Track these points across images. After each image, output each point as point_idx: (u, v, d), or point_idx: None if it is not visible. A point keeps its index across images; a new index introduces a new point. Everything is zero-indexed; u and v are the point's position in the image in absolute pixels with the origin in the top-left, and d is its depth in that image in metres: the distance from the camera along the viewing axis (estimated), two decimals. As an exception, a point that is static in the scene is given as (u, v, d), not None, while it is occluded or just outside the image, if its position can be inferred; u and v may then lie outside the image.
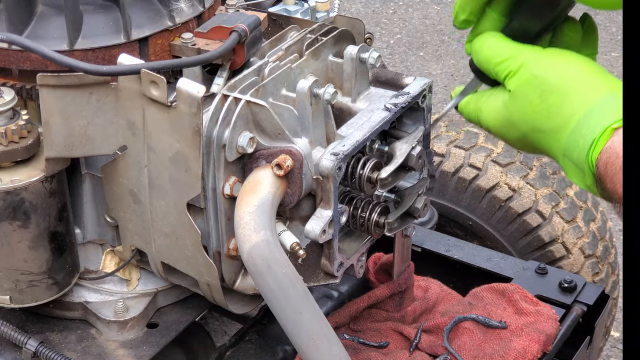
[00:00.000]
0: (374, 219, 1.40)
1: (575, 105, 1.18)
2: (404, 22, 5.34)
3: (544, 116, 1.20)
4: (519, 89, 1.22)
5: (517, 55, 1.24)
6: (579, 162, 1.16)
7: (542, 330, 1.57)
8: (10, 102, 1.39)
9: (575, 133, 1.17)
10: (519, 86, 1.22)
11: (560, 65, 1.22)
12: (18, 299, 1.46)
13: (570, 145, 1.17)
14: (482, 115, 1.30)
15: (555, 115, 1.19)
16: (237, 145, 1.31)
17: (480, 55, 1.29)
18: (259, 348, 1.64)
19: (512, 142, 1.28)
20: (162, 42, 1.43)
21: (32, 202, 1.39)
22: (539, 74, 1.21)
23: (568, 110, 1.18)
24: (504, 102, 1.25)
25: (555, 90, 1.20)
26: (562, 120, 1.18)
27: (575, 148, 1.16)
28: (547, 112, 1.20)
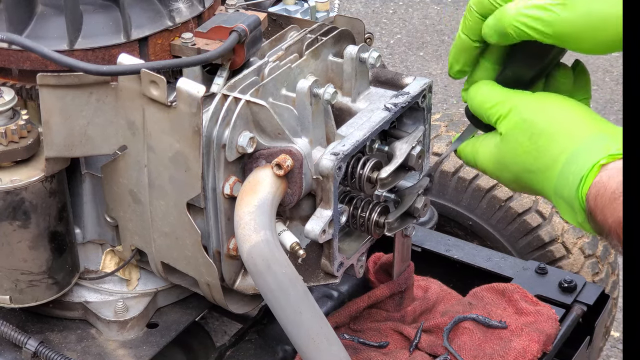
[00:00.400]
0: (373, 218, 1.40)
1: (562, 145, 1.22)
2: (404, 22, 5.34)
3: (534, 157, 1.25)
4: (509, 131, 1.27)
5: (507, 100, 1.29)
6: (569, 199, 1.20)
7: (542, 330, 1.57)
8: (10, 102, 1.39)
9: (565, 171, 1.21)
10: (509, 129, 1.27)
11: (549, 108, 1.27)
12: (18, 298, 1.46)
13: (560, 184, 1.21)
14: (478, 158, 1.34)
15: (544, 155, 1.24)
16: (237, 145, 1.31)
17: (474, 101, 1.34)
18: (259, 348, 1.64)
19: (507, 183, 1.33)
20: (162, 42, 1.43)
21: (32, 202, 1.39)
22: (528, 117, 1.26)
23: (556, 150, 1.23)
24: (496, 145, 1.30)
25: (543, 132, 1.24)
26: (550, 160, 1.23)
27: (565, 186, 1.20)
28: (536, 152, 1.24)
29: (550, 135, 1.24)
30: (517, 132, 1.26)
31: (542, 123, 1.25)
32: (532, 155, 1.25)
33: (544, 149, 1.24)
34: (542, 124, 1.25)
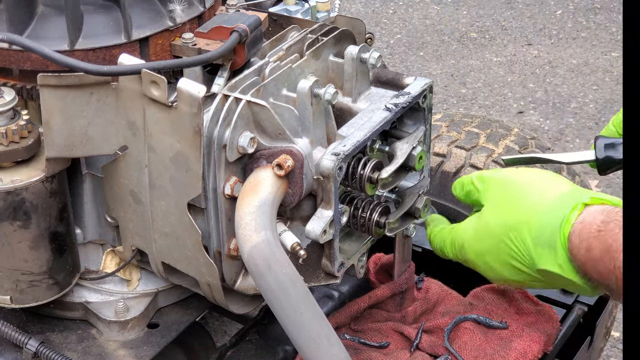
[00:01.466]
0: (374, 219, 1.40)
1: (543, 194, 1.33)
2: (404, 22, 5.34)
3: (515, 212, 1.33)
4: (492, 197, 1.38)
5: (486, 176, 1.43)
6: (551, 241, 1.26)
7: (543, 330, 1.57)
8: (11, 102, 1.39)
9: (546, 215, 1.29)
10: (491, 196, 1.38)
11: (523, 171, 1.41)
12: (19, 299, 1.46)
13: (542, 227, 1.28)
14: (456, 237, 1.45)
15: (526, 205, 1.32)
16: (237, 146, 1.31)
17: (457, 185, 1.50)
18: (259, 348, 1.64)
19: (487, 257, 1.39)
20: (162, 42, 1.43)
21: (32, 202, 1.39)
22: (506, 182, 1.38)
23: (536, 199, 1.32)
24: (479, 214, 1.40)
25: (525, 185, 1.35)
26: (533, 208, 1.31)
27: (547, 228, 1.27)
28: (518, 205, 1.33)
29: (532, 186, 1.34)
30: (500, 195, 1.37)
31: (523, 179, 1.37)
32: (514, 210, 1.33)
33: (526, 200, 1.32)
34: (521, 184, 1.36)
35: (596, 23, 5.16)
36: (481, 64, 4.80)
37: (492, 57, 4.88)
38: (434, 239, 1.51)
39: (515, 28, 5.20)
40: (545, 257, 1.28)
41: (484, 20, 5.30)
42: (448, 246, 1.47)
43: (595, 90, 4.51)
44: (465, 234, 1.42)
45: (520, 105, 4.41)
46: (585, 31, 5.08)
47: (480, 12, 5.41)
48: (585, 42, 4.97)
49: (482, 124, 2.42)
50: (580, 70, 4.69)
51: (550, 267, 1.27)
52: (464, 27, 5.23)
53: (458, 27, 5.23)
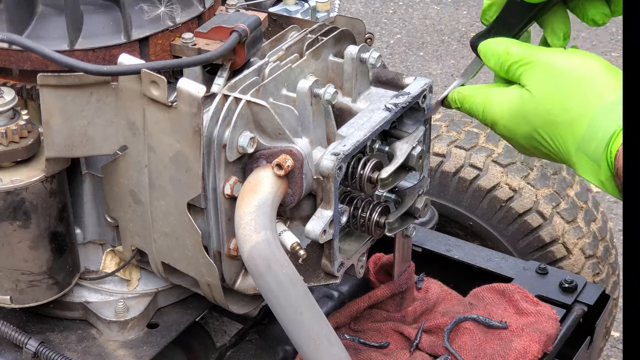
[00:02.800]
0: (374, 219, 1.40)
1: (593, 99, 1.19)
2: (404, 22, 5.34)
3: (560, 108, 1.20)
4: (537, 83, 1.24)
5: (531, 54, 1.27)
6: (595, 155, 1.16)
7: (543, 330, 1.57)
8: (11, 102, 1.39)
9: (594, 125, 1.16)
10: (537, 81, 1.24)
11: (578, 61, 1.24)
12: (18, 299, 1.46)
13: (588, 138, 1.16)
14: (490, 108, 1.30)
15: (572, 106, 1.19)
16: (237, 145, 1.31)
17: (494, 56, 1.32)
18: (259, 348, 1.64)
19: (519, 138, 1.28)
20: (162, 42, 1.43)
21: (32, 202, 1.39)
22: (556, 70, 1.23)
23: (587, 102, 1.18)
24: (517, 97, 1.26)
25: (572, 81, 1.21)
26: (579, 112, 1.18)
27: (593, 140, 1.16)
28: (564, 104, 1.20)
29: (580, 86, 1.20)
30: (546, 84, 1.23)
31: (573, 74, 1.22)
32: (559, 107, 1.21)
33: (573, 100, 1.20)
34: (572, 75, 1.21)
35: (596, 23, 5.15)
36: (481, 64, 4.80)
37: (492, 57, 4.88)
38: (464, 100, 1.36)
39: (515, 28, 5.20)
40: (587, 168, 1.18)
41: (484, 20, 5.30)
42: (479, 114, 1.34)
43: (595, 90, 4.50)
44: (500, 110, 1.29)
45: (520, 105, 4.41)
46: (586, 31, 5.08)
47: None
48: (585, 42, 4.96)
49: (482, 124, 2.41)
50: (580, 70, 4.69)
51: (591, 179, 1.18)
52: (464, 27, 5.23)
53: (458, 27, 5.23)
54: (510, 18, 1.35)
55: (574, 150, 1.20)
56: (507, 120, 1.28)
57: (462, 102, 1.35)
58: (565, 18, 1.35)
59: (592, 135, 1.16)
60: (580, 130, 1.18)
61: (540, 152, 1.27)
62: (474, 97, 1.34)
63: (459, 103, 1.36)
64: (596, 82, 1.20)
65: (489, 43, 1.33)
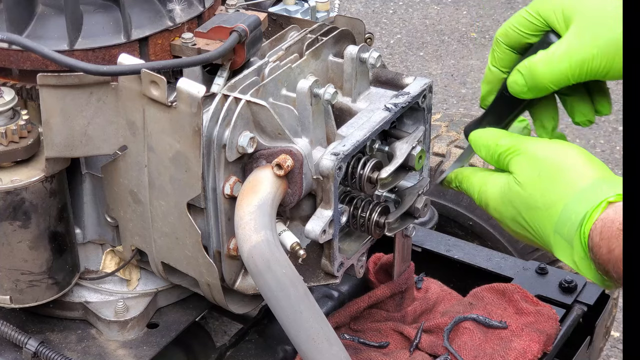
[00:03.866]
0: (374, 219, 1.40)
1: (570, 182, 1.26)
2: (404, 22, 5.34)
3: (540, 193, 1.28)
4: (520, 169, 1.31)
5: (518, 143, 1.34)
6: (569, 236, 1.23)
7: (543, 330, 1.57)
8: (11, 102, 1.39)
9: (568, 209, 1.24)
10: (520, 167, 1.31)
11: (560, 151, 1.31)
12: (18, 299, 1.46)
13: (562, 221, 1.24)
14: (484, 190, 1.38)
15: (550, 192, 1.27)
16: (237, 145, 1.31)
17: (484, 146, 1.40)
18: (259, 348, 1.64)
19: (506, 221, 1.35)
20: (162, 42, 1.43)
21: (32, 202, 1.39)
22: (539, 156, 1.31)
23: (563, 188, 1.26)
24: (507, 182, 1.33)
25: (552, 169, 1.28)
26: (556, 196, 1.26)
27: (567, 223, 1.23)
28: (543, 189, 1.28)
29: (558, 173, 1.27)
30: (528, 170, 1.30)
31: (552, 161, 1.29)
32: (539, 191, 1.28)
33: (551, 186, 1.27)
34: (551, 162, 1.29)
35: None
36: (481, 64, 4.80)
37: (492, 57, 4.88)
38: (462, 180, 1.44)
39: (515, 28, 5.20)
40: (562, 249, 1.26)
41: (484, 20, 5.30)
42: (475, 195, 1.42)
43: (595, 90, 4.50)
44: (492, 194, 1.37)
45: (520, 105, 4.40)
46: (585, 31, 5.08)
47: (480, 12, 5.41)
48: (585, 42, 4.96)
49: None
50: (580, 70, 4.69)
51: (566, 260, 1.26)
52: (464, 27, 5.23)
53: (458, 27, 5.23)
54: (501, 109, 1.42)
55: (551, 233, 1.27)
56: (497, 203, 1.35)
57: (461, 182, 1.43)
58: (554, 111, 1.44)
59: (566, 219, 1.23)
60: (555, 214, 1.25)
61: (524, 236, 1.34)
62: (471, 178, 1.41)
63: (458, 182, 1.44)
64: (573, 171, 1.27)
65: (479, 134, 1.40)
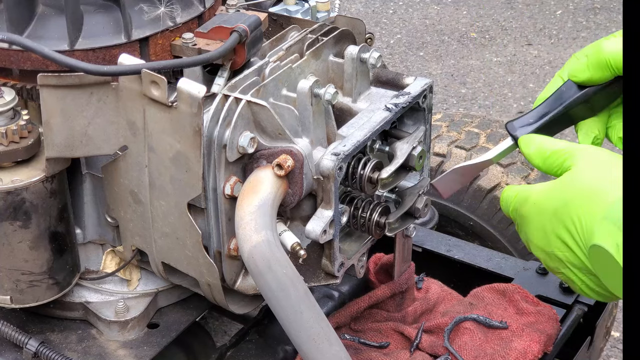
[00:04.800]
0: (374, 219, 1.40)
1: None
2: (404, 22, 5.34)
3: (598, 181, 1.27)
4: (580, 161, 1.31)
5: (576, 145, 1.36)
6: (620, 220, 1.20)
7: (543, 330, 1.57)
8: (11, 102, 1.39)
9: None
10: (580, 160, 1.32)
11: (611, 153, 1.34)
12: (19, 299, 1.46)
13: (618, 206, 1.22)
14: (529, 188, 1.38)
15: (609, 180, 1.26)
16: (237, 146, 1.31)
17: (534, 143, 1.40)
18: (259, 348, 1.64)
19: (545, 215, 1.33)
20: (162, 42, 1.43)
21: (32, 202, 1.39)
22: (599, 152, 1.33)
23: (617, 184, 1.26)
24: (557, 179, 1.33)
25: (612, 163, 1.29)
26: (614, 184, 1.25)
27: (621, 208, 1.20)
28: (602, 178, 1.27)
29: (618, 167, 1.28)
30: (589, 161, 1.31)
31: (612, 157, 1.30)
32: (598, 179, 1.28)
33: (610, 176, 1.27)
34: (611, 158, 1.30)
35: (596, 23, 5.16)
36: (481, 64, 4.80)
37: (492, 57, 4.88)
38: (503, 192, 1.44)
39: (515, 28, 5.20)
40: (607, 234, 1.21)
41: (484, 20, 5.30)
42: (514, 197, 1.40)
43: (595, 90, 4.50)
44: (536, 189, 1.36)
45: (520, 105, 4.41)
46: (585, 31, 5.08)
47: (480, 12, 5.41)
48: (585, 42, 4.96)
49: (482, 124, 2.42)
50: (580, 70, 4.69)
51: (607, 244, 1.21)
52: (464, 27, 5.23)
53: (458, 27, 5.23)
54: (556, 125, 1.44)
55: (598, 220, 1.24)
56: (540, 195, 1.34)
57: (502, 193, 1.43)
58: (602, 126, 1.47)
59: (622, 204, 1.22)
60: (612, 199, 1.24)
61: (555, 239, 1.32)
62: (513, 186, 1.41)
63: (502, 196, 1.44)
64: None
65: (532, 137, 1.40)
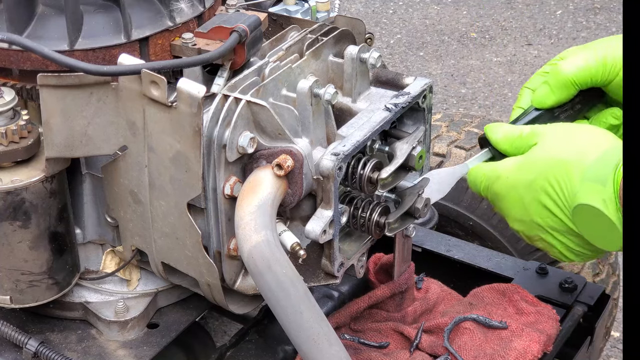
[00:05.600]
0: (374, 219, 1.40)
1: (602, 138, 1.34)
2: (404, 22, 5.34)
3: (570, 148, 1.34)
4: (547, 136, 1.38)
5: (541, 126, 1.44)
6: (602, 177, 1.27)
7: (543, 330, 1.57)
8: (11, 102, 1.39)
9: (604, 155, 1.29)
10: (547, 135, 1.38)
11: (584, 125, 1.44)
12: (18, 299, 1.46)
13: (596, 165, 1.29)
14: (496, 167, 1.43)
15: (582, 145, 1.33)
16: (237, 146, 1.31)
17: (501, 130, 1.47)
18: (259, 348, 1.64)
19: (519, 189, 1.39)
20: (162, 42, 1.43)
21: (32, 202, 1.39)
22: (567, 126, 1.40)
23: (598, 141, 1.33)
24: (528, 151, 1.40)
25: (586, 130, 1.37)
26: (589, 148, 1.32)
27: (601, 166, 1.28)
28: (573, 144, 1.34)
29: (593, 134, 1.35)
30: (557, 135, 1.37)
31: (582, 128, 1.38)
32: (568, 146, 1.34)
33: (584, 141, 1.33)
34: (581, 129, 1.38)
35: (596, 23, 5.16)
36: (481, 64, 4.80)
37: (492, 57, 4.88)
38: (470, 172, 1.50)
39: (515, 28, 5.20)
40: (590, 192, 1.28)
41: (484, 20, 5.30)
42: (483, 177, 1.46)
43: (595, 90, 4.50)
44: (505, 166, 1.42)
45: (520, 105, 4.40)
46: (585, 31, 5.08)
47: (480, 12, 5.41)
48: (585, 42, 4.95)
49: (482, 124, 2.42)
50: (580, 70, 4.68)
51: (593, 201, 1.27)
52: (464, 27, 5.23)
53: (458, 27, 5.23)
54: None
55: (578, 182, 1.30)
56: (513, 171, 1.39)
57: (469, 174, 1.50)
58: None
59: (599, 162, 1.28)
60: (588, 160, 1.30)
61: (539, 207, 1.37)
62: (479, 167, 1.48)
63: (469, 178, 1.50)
64: (605, 137, 1.36)
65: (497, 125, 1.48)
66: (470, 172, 1.48)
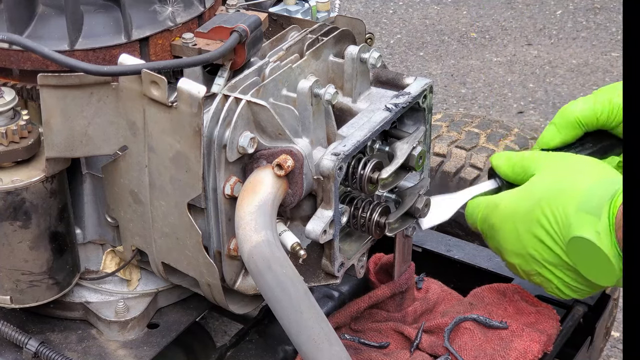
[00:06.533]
0: (374, 219, 1.40)
1: (597, 171, 1.37)
2: (404, 22, 5.34)
3: (567, 179, 1.36)
4: (546, 165, 1.41)
5: (542, 153, 1.48)
6: (596, 209, 1.28)
7: (543, 330, 1.57)
8: (11, 102, 1.39)
9: (597, 186, 1.31)
10: (546, 164, 1.41)
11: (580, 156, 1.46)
12: (19, 299, 1.46)
13: (589, 196, 1.30)
14: (495, 198, 1.46)
15: (577, 177, 1.35)
16: (237, 146, 1.31)
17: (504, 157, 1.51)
18: (259, 348, 1.64)
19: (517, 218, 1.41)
20: (162, 42, 1.43)
21: (32, 202, 1.39)
22: (564, 156, 1.43)
23: (589, 174, 1.35)
24: (525, 185, 1.42)
25: (580, 163, 1.39)
26: (584, 179, 1.34)
27: (594, 197, 1.29)
28: (570, 176, 1.36)
29: (585, 165, 1.38)
30: (555, 165, 1.40)
31: (578, 159, 1.41)
32: (566, 177, 1.36)
33: (578, 173, 1.36)
34: (577, 159, 1.40)
35: (596, 23, 5.16)
36: (481, 64, 4.80)
37: (492, 57, 4.88)
38: (469, 204, 1.53)
39: (515, 28, 5.20)
40: (585, 224, 1.28)
41: (484, 20, 5.30)
42: (481, 207, 1.48)
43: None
44: (504, 196, 1.45)
45: (520, 105, 4.41)
46: (585, 31, 5.08)
47: (480, 12, 5.41)
48: (585, 42, 4.96)
49: (482, 124, 2.42)
50: (580, 71, 4.69)
51: (587, 233, 1.27)
52: (464, 27, 5.23)
53: (458, 27, 5.23)
54: None
55: (573, 212, 1.31)
56: (510, 201, 1.42)
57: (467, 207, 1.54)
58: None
59: (594, 193, 1.30)
60: (583, 191, 1.32)
61: (533, 239, 1.39)
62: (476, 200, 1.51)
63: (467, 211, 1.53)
64: (598, 165, 1.39)
65: (501, 154, 1.51)
66: (468, 204, 1.51)
